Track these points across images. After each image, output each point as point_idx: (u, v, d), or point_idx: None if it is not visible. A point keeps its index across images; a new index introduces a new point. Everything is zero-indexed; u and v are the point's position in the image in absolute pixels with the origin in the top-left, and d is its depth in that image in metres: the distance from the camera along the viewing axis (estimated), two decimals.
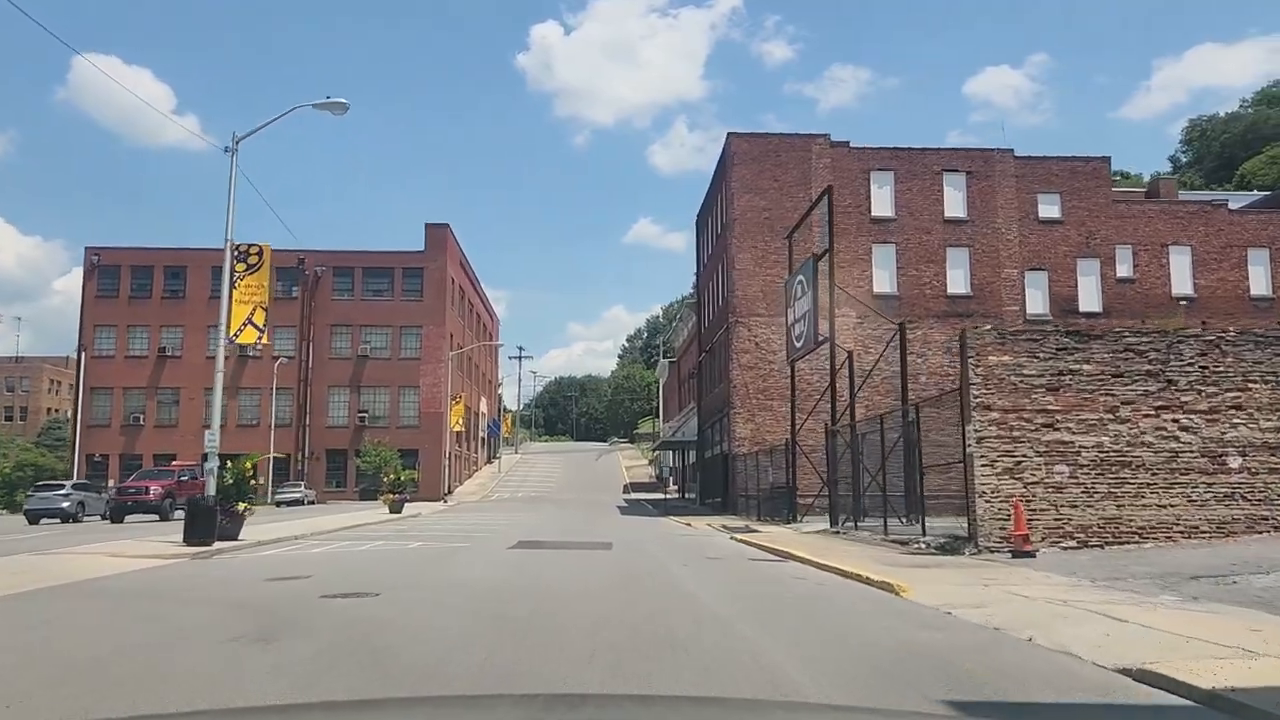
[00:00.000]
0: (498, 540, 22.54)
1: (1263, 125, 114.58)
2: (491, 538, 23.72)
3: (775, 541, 21.68)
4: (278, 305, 65.97)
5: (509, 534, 25.52)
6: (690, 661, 7.09)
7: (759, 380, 40.89)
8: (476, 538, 23.91)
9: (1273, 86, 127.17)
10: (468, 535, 25.26)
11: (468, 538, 23.99)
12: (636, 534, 26.96)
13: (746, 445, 40.49)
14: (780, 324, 40.80)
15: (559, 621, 9.09)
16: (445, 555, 18.21)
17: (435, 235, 66.73)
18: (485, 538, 23.84)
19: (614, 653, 7.35)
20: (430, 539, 23.42)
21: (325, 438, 64.66)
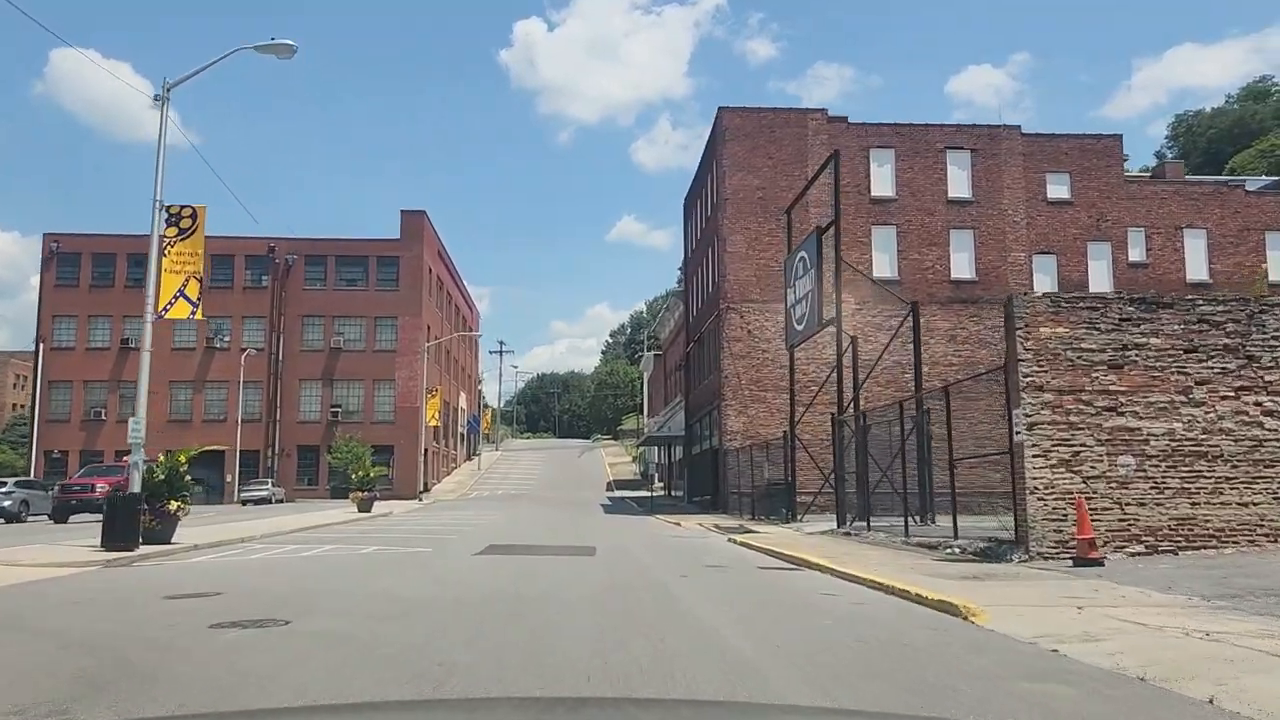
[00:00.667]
0: (466, 544, 19.67)
1: (1250, 120, 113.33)
2: (459, 541, 20.83)
3: (780, 545, 18.89)
4: (247, 294, 63.07)
5: (480, 536, 22.65)
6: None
7: (752, 370, 38.12)
8: (443, 541, 21.01)
9: (1259, 82, 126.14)
10: (435, 537, 22.36)
11: (434, 541, 21.10)
12: (622, 536, 24.13)
13: (739, 439, 37.71)
14: (775, 310, 38.07)
15: (512, 681, 6.22)
16: (397, 564, 15.31)
17: (411, 223, 63.63)
18: (452, 541, 20.95)
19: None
20: (389, 542, 20.50)
21: (296, 433, 61.49)
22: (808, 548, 18.07)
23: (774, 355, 38.20)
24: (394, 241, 63.35)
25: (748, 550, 19.25)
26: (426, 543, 20.39)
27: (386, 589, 11.35)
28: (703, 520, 32.05)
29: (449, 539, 21.64)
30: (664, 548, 19.68)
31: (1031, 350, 14.48)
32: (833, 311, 26.07)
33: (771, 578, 13.51)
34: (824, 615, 9.57)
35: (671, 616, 9.26)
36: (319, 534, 24.97)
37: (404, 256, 63.05)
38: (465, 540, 20.90)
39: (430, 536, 22.77)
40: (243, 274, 62.87)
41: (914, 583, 11.38)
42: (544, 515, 36.76)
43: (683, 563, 15.77)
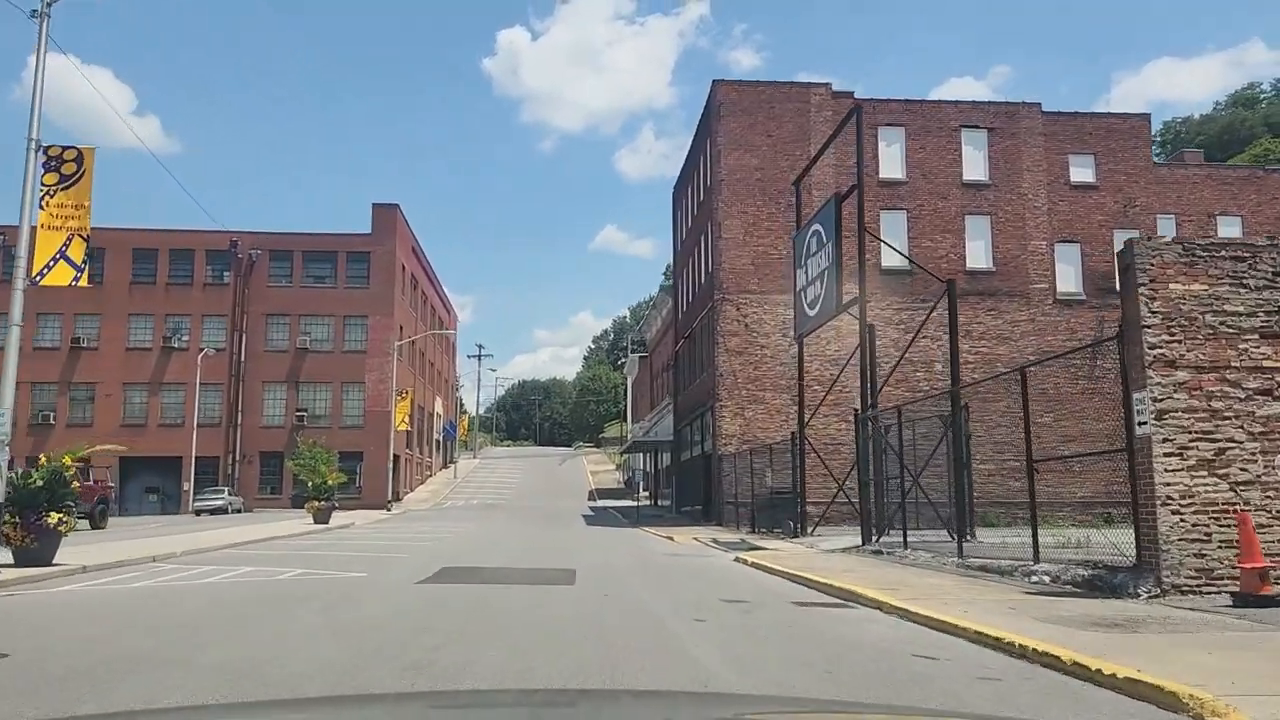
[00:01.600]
0: (414, 566, 15.71)
1: (1239, 126, 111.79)
2: (408, 562, 16.86)
3: (805, 567, 15.03)
4: (207, 291, 58.79)
5: (438, 554, 18.70)
6: None
7: (749, 368, 34.30)
8: (388, 562, 17.04)
9: (1247, 89, 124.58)
10: (382, 557, 18.38)
11: (378, 561, 17.13)
12: (608, 553, 20.20)
13: (734, 444, 33.85)
14: (775, 302, 34.29)
15: None
16: (305, 599, 11.32)
17: (383, 217, 59.55)
18: (402, 561, 16.98)
19: None
20: (323, 564, 16.49)
21: (259, 439, 57.18)
22: (842, 572, 14.22)
23: (774, 351, 34.42)
24: (364, 236, 59.25)
25: (765, 574, 15.37)
26: (368, 564, 16.41)
27: (244, 655, 7.35)
28: (697, 533, 28.16)
29: (398, 559, 17.66)
30: (660, 570, 15.78)
31: (1160, 314, 10.69)
32: (853, 292, 22.26)
33: (821, 622, 9.61)
34: (957, 701, 5.68)
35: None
36: (252, 551, 20.95)
37: (375, 252, 58.95)
38: (416, 561, 16.93)
39: (377, 556, 18.78)
40: (203, 269, 58.59)
41: (1048, 638, 7.54)
42: (520, 527, 32.81)
43: (690, 594, 11.88)
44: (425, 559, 17.38)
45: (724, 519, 33.40)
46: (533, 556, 18.45)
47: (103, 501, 35.07)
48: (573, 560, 17.27)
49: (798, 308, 25.56)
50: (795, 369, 34.01)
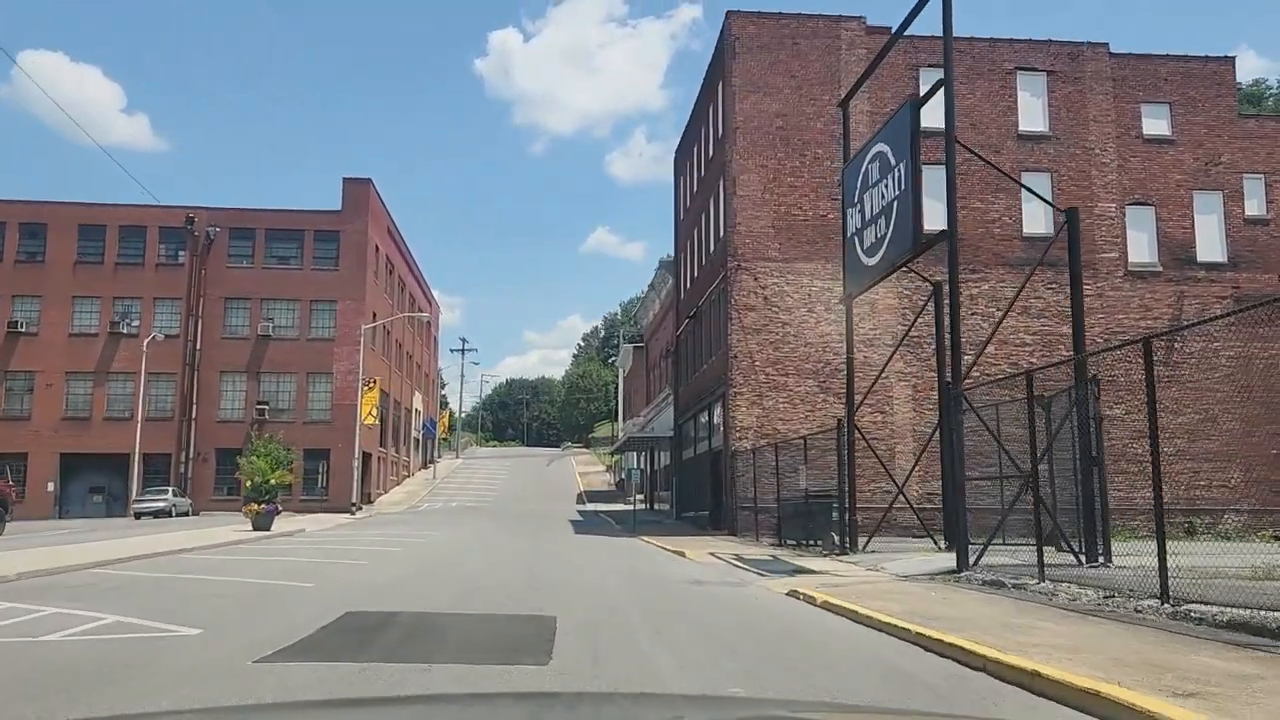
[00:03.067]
0: (309, 607, 9.90)
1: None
2: (308, 597, 11.05)
3: (922, 617, 9.26)
4: (159, 273, 52.71)
5: (365, 582, 12.92)
6: None
7: (768, 349, 28.55)
8: (280, 596, 11.22)
9: (1253, 85, 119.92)
10: (278, 588, 12.54)
11: (264, 596, 11.32)
12: (605, 579, 14.43)
13: (751, 438, 28.10)
14: (800, 271, 28.60)
15: None
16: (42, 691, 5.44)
17: (354, 192, 53.56)
18: (295, 598, 11.16)
19: None
20: (169, 606, 10.63)
21: (216, 434, 51.02)
22: (1000, 629, 8.45)
23: (797, 328, 28.68)
24: (333, 214, 53.25)
25: (853, 624, 9.59)
26: (242, 602, 10.60)
27: None
28: (713, 547, 22.35)
29: (295, 592, 11.81)
30: (693, 619, 9.97)
31: None
32: (940, 224, 16.62)
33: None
34: None
35: None
36: (119, 573, 15.15)
37: (345, 231, 52.95)
38: (317, 596, 11.10)
39: (272, 585, 12.92)
40: (156, 248, 52.45)
41: None
42: (495, 536, 27.04)
43: (772, 681, 6.10)
44: (335, 592, 11.57)
45: (737, 527, 27.63)
46: (499, 584, 12.69)
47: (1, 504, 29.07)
48: (555, 595, 11.48)
49: (849, 259, 19.76)
50: (822, 350, 28.35)
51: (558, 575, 14.80)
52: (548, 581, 13.57)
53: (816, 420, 28.23)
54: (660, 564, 18.05)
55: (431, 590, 12.14)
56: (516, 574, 14.82)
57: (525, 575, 14.65)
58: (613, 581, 13.78)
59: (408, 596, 11.27)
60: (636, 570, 16.00)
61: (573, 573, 15.41)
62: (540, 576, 14.45)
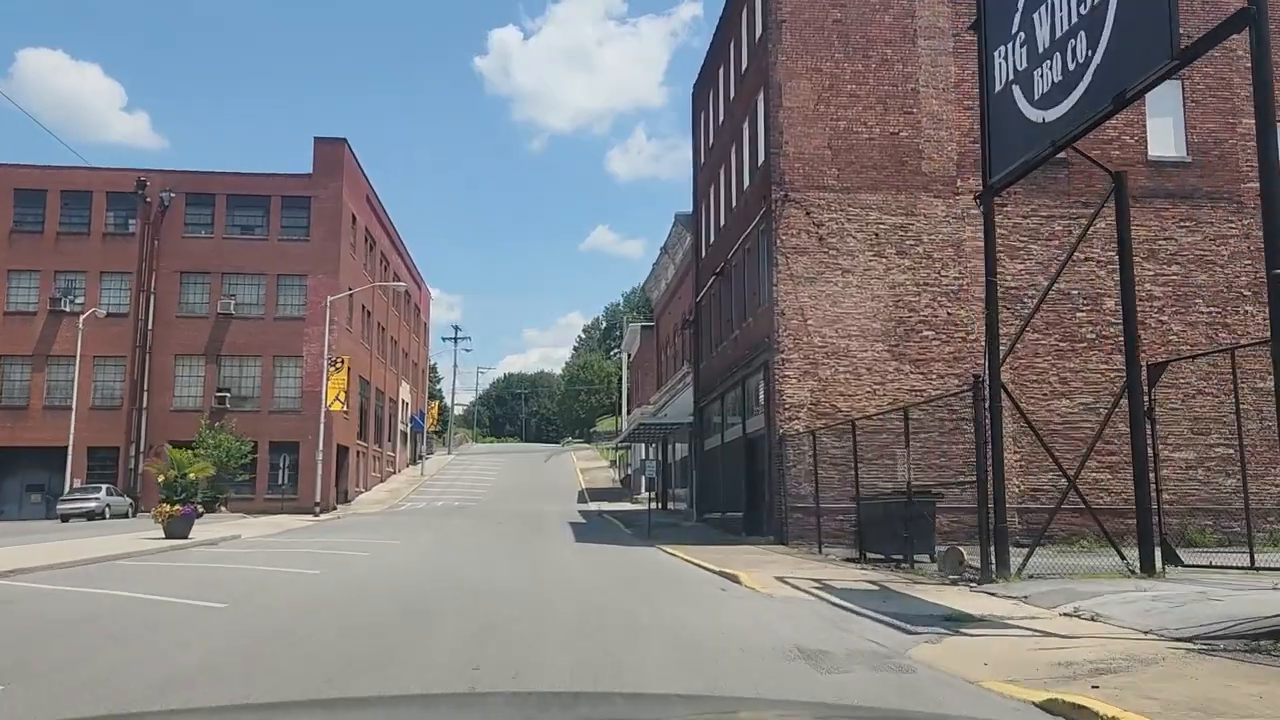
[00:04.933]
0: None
1: None
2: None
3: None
4: (107, 244, 45.90)
5: (207, 633, 6.08)
6: None
7: (825, 304, 21.81)
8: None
9: None
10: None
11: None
12: (630, 642, 7.69)
13: (804, 417, 21.37)
14: (866, 204, 21.97)
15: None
16: None
17: (327, 154, 46.75)
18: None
19: None
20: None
21: (170, 425, 44.14)
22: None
23: (862, 278, 21.93)
24: (303, 177, 46.45)
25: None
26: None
27: None
28: (769, 564, 15.60)
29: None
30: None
31: None
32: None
33: None
34: None
35: None
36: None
37: (317, 196, 46.15)
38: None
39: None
40: (102, 216, 45.67)
41: None
42: (475, 546, 20.48)
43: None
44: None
45: (787, 534, 20.87)
46: (446, 639, 5.96)
47: None
48: (546, 652, 4.71)
49: (996, 125, 12.83)
50: (895, 305, 21.66)
51: (546, 608, 8.06)
52: (533, 629, 6.89)
53: (888, 395, 21.54)
54: (710, 601, 11.27)
55: (332, 650, 5.48)
56: (477, 626, 8.09)
57: (491, 626, 7.91)
58: (652, 663, 6.98)
59: (301, 645, 4.55)
60: (683, 623, 9.20)
61: (575, 609, 8.72)
62: (519, 614, 7.72)
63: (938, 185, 22.15)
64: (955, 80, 22.36)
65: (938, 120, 22.29)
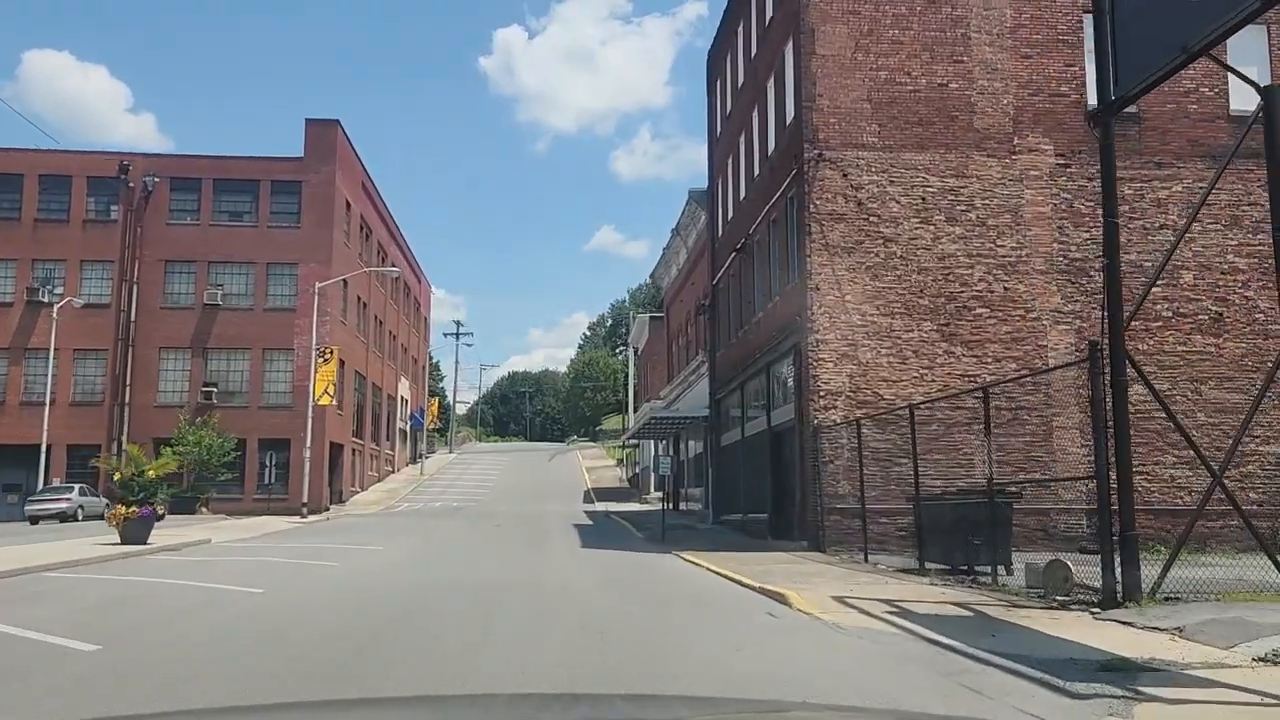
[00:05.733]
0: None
1: None
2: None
3: None
4: (87, 230, 43.30)
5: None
6: None
7: (865, 277, 19.08)
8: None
9: None
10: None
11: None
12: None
13: (842, 406, 18.66)
14: (911, 165, 19.31)
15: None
16: None
17: (319, 136, 44.13)
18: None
19: None
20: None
21: (154, 421, 41.51)
22: None
23: (907, 248, 19.20)
24: (294, 161, 43.80)
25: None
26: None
27: None
28: (814, 577, 12.87)
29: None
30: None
31: None
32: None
33: None
34: None
35: None
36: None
37: (309, 181, 43.49)
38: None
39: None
40: (83, 201, 43.06)
41: None
42: (468, 553, 17.83)
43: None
44: None
45: (824, 539, 18.13)
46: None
47: None
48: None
49: (1117, 19, 10.09)
50: (945, 279, 18.98)
51: (548, 650, 5.34)
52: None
53: (937, 380, 18.82)
54: (760, 633, 8.54)
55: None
56: (461, 660, 5.40)
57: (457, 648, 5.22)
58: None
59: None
60: (732, 672, 6.48)
61: (588, 649, 6.01)
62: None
63: (992, 143, 19.41)
64: (1011, 25, 19.63)
65: (992, 70, 19.56)
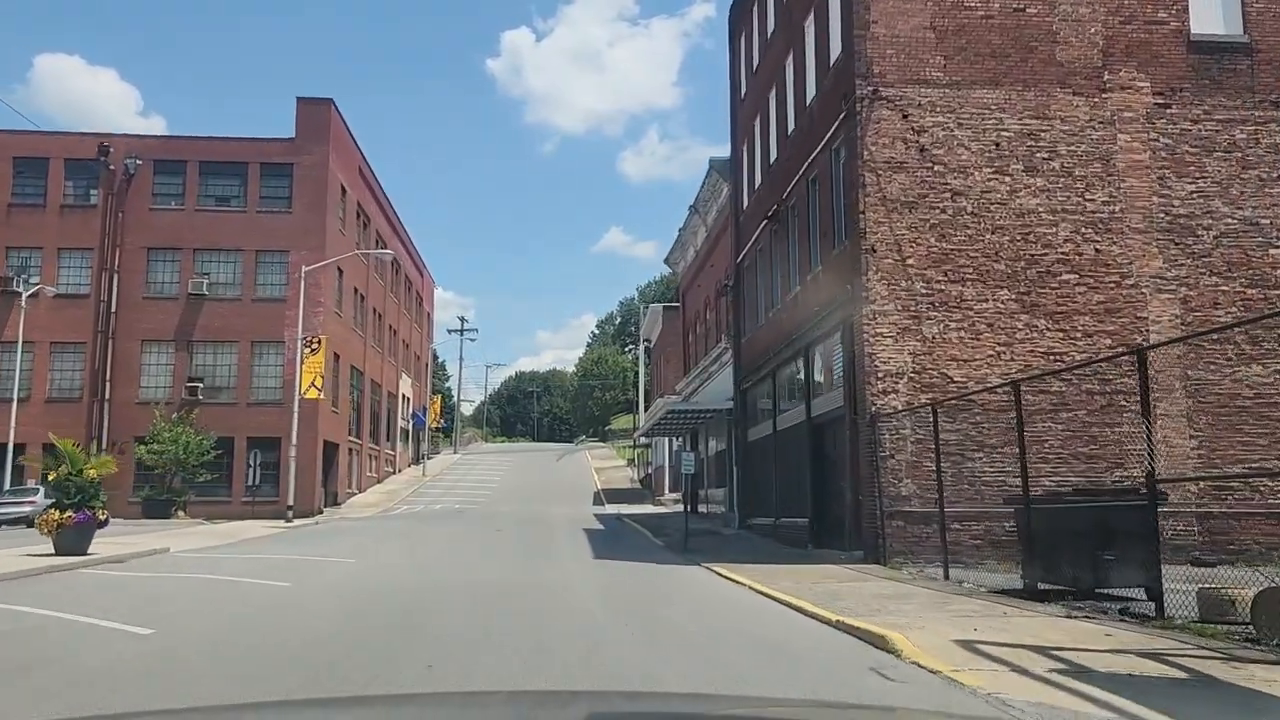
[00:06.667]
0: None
1: None
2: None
3: None
4: (66, 216, 40.34)
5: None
6: None
7: (930, 236, 15.92)
8: None
9: None
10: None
11: None
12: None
13: (904, 390, 15.52)
14: (983, 104, 16.14)
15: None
16: None
17: (312, 116, 41.07)
18: None
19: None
20: None
21: (136, 419, 38.45)
22: None
23: (978, 202, 16.03)
24: (285, 142, 40.77)
25: None
26: None
27: None
28: (892, 593, 9.70)
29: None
30: None
31: None
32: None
33: None
34: None
35: None
36: None
37: (300, 163, 40.45)
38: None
39: None
40: (60, 185, 40.09)
41: None
42: (459, 567, 14.80)
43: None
44: None
45: (884, 549, 14.94)
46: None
47: None
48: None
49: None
50: (1024, 238, 15.84)
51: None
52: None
53: (1016, 359, 15.68)
54: (886, 714, 5.37)
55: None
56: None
57: None
58: None
59: None
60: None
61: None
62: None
63: (1078, 79, 16.24)
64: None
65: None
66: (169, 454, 34.00)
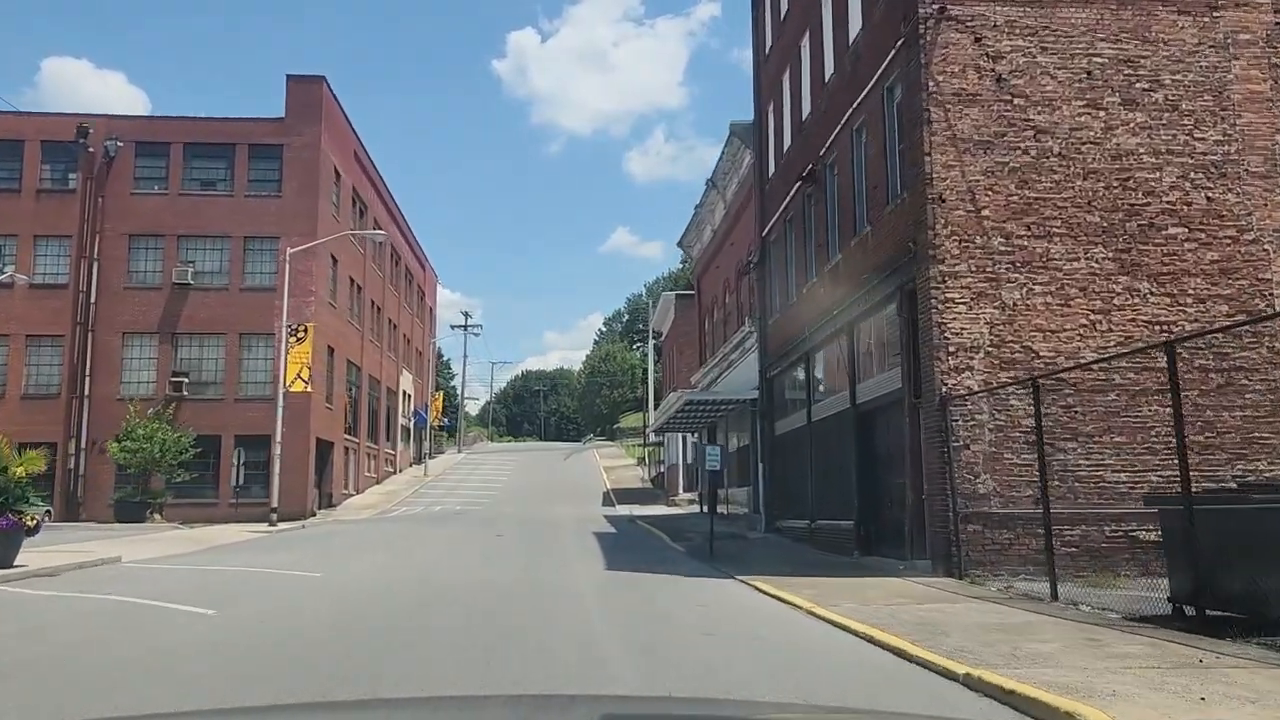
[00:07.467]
0: None
1: None
2: None
3: None
4: (43, 201, 37.76)
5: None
6: None
7: (1009, 182, 13.17)
8: None
9: None
10: None
11: None
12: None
13: (980, 368, 12.74)
14: (1073, 24, 13.18)
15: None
16: None
17: (303, 94, 38.50)
18: None
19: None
20: None
21: (118, 415, 35.71)
22: None
23: (1067, 142, 13.28)
24: (275, 122, 38.15)
25: None
26: None
27: None
28: (1000, 622, 7.00)
29: None
30: None
31: None
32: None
33: None
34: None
35: None
36: None
37: (291, 144, 37.83)
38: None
39: None
40: (36, 169, 37.52)
41: None
42: (447, 583, 11.93)
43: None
44: None
45: (958, 559, 12.21)
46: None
47: None
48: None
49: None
50: (1122, 185, 12.96)
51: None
52: None
53: (1115, 329, 12.97)
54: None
55: None
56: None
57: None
58: None
59: None
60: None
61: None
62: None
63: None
64: None
65: None
66: (144, 453, 31.39)
